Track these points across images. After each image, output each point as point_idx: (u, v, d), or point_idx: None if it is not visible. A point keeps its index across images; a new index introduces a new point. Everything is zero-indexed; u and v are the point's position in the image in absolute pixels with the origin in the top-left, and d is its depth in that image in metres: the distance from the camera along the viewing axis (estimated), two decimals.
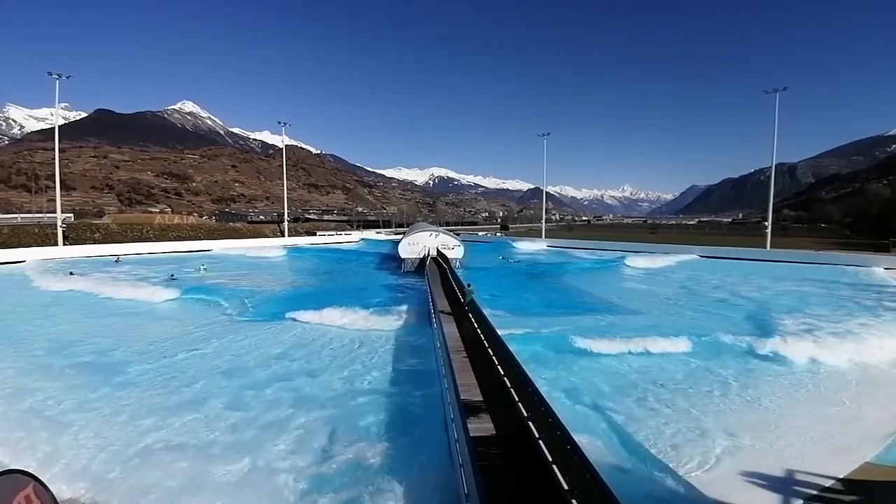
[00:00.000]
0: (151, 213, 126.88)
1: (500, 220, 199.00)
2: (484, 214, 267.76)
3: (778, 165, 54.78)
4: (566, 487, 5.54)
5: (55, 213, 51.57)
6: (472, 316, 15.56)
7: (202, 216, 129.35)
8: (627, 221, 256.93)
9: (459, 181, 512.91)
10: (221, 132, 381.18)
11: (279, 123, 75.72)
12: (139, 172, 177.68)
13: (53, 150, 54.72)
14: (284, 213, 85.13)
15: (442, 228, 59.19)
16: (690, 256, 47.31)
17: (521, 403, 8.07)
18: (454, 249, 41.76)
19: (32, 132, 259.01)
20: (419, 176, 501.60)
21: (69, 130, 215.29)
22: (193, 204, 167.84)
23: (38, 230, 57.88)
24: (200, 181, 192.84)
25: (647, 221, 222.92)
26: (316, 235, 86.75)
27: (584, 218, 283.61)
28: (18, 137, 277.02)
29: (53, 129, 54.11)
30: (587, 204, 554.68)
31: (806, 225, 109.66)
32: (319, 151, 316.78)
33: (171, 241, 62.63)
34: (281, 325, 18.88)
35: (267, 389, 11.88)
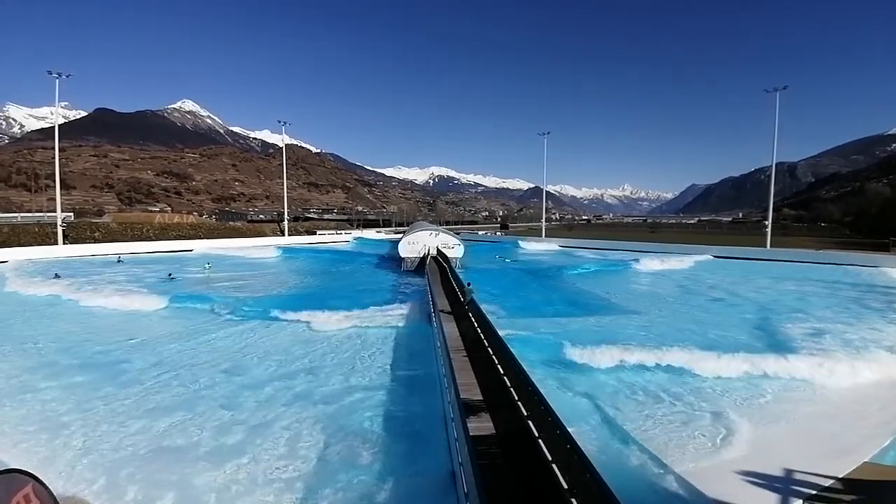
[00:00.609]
0: (151, 212, 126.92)
1: (500, 219, 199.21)
2: (484, 214, 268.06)
3: (778, 165, 54.70)
4: (566, 487, 5.54)
5: (55, 212, 51.61)
6: (472, 315, 15.56)
7: (202, 215, 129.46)
8: (628, 221, 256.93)
9: (459, 180, 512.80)
10: (221, 131, 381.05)
11: (279, 122, 76.58)
12: (139, 171, 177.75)
13: (53, 149, 54.74)
14: (284, 212, 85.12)
15: (442, 228, 59.23)
16: (705, 257, 45.92)
17: (520, 403, 8.07)
18: (454, 248, 41.77)
19: (32, 131, 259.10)
20: (419, 175, 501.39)
21: (69, 129, 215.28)
22: (193, 203, 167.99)
23: (38, 229, 57.92)
24: (200, 180, 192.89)
25: (647, 221, 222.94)
26: (316, 234, 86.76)
27: (584, 217, 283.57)
28: (18, 136, 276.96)
29: (53, 128, 54.08)
30: (587, 203, 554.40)
31: (806, 224, 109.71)
32: (319, 150, 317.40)
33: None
34: (277, 325, 18.69)
35: (266, 388, 11.90)
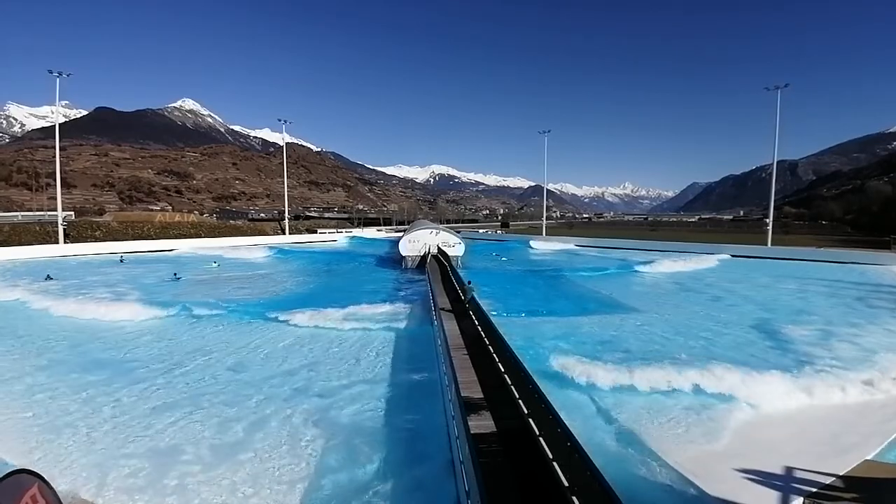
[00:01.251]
0: (152, 211, 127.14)
1: (500, 217, 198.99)
2: (485, 212, 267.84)
3: (779, 163, 54.46)
4: (567, 485, 5.56)
5: (56, 211, 51.71)
6: (472, 313, 15.60)
7: (203, 214, 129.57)
8: (628, 219, 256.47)
9: (460, 178, 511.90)
10: (222, 130, 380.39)
11: (279, 121, 76.26)
12: (140, 170, 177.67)
13: (54, 147, 54.80)
14: (285, 210, 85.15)
15: (443, 226, 59.17)
16: (723, 257, 43.95)
17: (521, 401, 8.09)
18: (455, 247, 41.83)
19: (33, 130, 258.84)
20: (420, 173, 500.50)
21: (70, 128, 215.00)
22: (194, 202, 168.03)
23: (38, 228, 58.08)
24: (201, 179, 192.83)
25: (647, 219, 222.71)
26: (316, 233, 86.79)
27: (584, 215, 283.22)
28: (19, 135, 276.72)
29: (54, 127, 54.14)
30: (588, 201, 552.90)
31: (807, 222, 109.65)
32: (320, 149, 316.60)
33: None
34: (274, 327, 18.50)
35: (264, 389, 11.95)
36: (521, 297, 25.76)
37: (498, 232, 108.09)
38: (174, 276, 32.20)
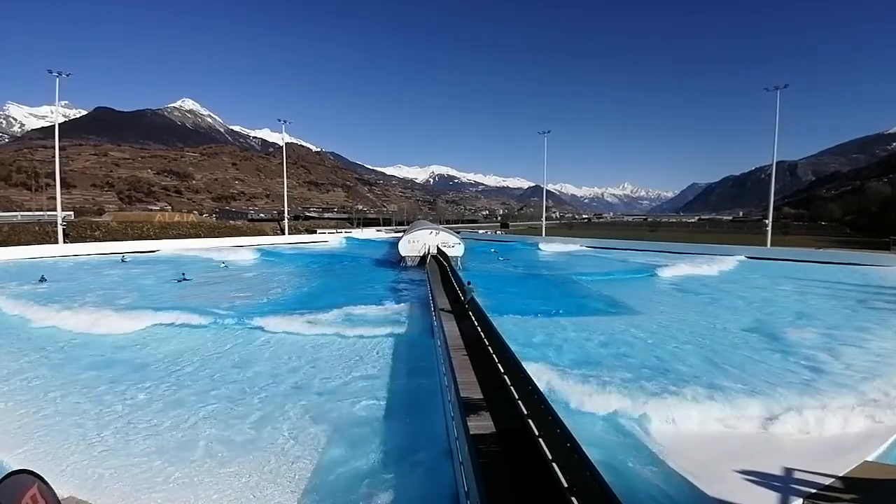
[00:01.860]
0: (152, 211, 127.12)
1: (500, 217, 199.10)
2: (484, 212, 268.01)
3: (778, 163, 54.34)
4: (566, 485, 5.56)
5: (55, 210, 51.69)
6: (472, 314, 15.60)
7: (202, 214, 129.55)
8: (628, 219, 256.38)
9: (460, 179, 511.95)
10: (221, 130, 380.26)
11: (279, 121, 76.19)
12: (139, 170, 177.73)
13: (54, 147, 54.76)
14: (285, 210, 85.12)
15: (442, 226, 59.17)
16: (739, 258, 41.86)
17: (520, 401, 8.10)
18: (455, 247, 41.85)
19: (33, 130, 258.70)
20: (419, 174, 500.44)
21: (69, 128, 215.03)
22: (194, 202, 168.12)
23: (38, 228, 58.07)
24: (200, 179, 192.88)
25: (647, 219, 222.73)
26: (316, 233, 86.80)
27: (584, 216, 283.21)
28: (19, 135, 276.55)
29: (53, 126, 54.09)
30: (587, 202, 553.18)
31: (806, 223, 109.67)
32: (319, 149, 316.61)
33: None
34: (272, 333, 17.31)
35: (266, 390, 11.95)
36: (530, 298, 23.99)
37: (498, 233, 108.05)
38: (182, 275, 31.38)
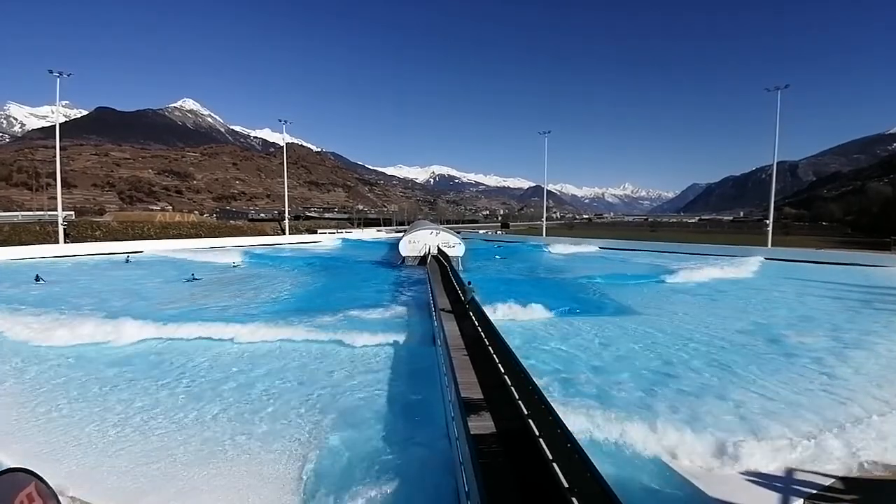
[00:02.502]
0: (152, 210, 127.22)
1: (500, 218, 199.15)
2: (485, 212, 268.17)
3: (779, 164, 54.33)
4: (566, 486, 5.54)
5: (56, 210, 51.73)
6: (472, 314, 15.58)
7: (203, 214, 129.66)
8: (629, 220, 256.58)
9: (460, 179, 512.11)
10: (222, 130, 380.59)
11: (280, 121, 76.66)
12: (140, 170, 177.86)
13: (54, 147, 54.72)
14: (285, 211, 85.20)
15: (443, 227, 59.19)
16: (759, 260, 39.22)
17: (521, 401, 8.08)
18: (455, 247, 41.87)
19: (33, 130, 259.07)
20: (420, 174, 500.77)
21: (70, 128, 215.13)
22: (194, 202, 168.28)
23: (39, 228, 58.09)
24: (201, 179, 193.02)
25: (647, 220, 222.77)
26: (316, 233, 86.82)
27: (584, 216, 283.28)
28: (19, 135, 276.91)
29: (54, 126, 54.08)
30: (588, 202, 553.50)
31: (807, 223, 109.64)
32: (320, 149, 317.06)
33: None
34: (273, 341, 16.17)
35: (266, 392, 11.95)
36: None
37: (498, 233, 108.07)
38: (192, 276, 31.20)
